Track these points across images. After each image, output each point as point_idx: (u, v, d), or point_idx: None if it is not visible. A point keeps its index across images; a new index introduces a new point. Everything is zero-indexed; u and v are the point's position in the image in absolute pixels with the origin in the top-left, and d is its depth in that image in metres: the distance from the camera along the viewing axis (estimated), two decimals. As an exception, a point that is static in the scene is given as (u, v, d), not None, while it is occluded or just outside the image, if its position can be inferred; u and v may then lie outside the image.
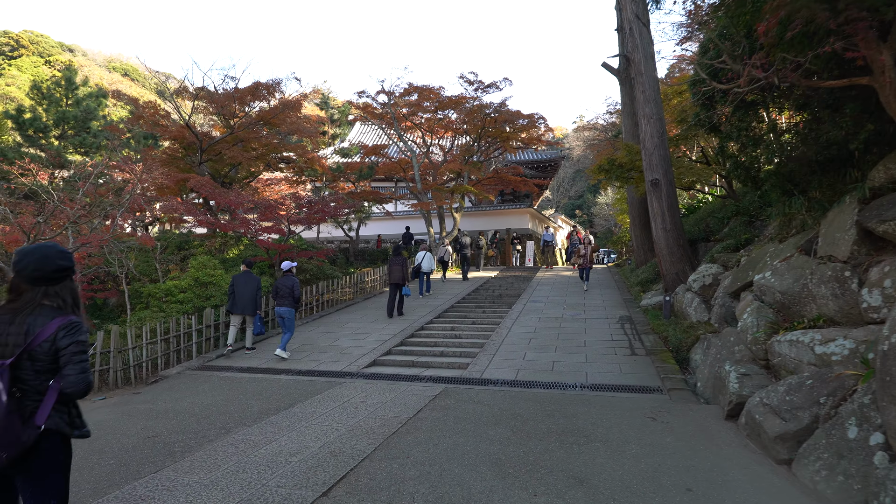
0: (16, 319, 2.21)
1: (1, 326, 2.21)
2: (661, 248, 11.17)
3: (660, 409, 5.56)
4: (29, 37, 78.88)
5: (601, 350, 8.39)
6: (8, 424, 2.06)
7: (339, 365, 8.12)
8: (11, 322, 2.21)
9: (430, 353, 8.84)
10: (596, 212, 58.54)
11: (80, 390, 2.23)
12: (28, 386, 2.18)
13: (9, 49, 75.20)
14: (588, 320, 10.69)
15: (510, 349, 8.64)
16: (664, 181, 11.15)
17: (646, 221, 15.99)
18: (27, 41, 77.54)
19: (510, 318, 11.04)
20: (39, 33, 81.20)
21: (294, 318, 8.90)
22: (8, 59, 72.19)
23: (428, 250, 14.89)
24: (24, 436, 2.11)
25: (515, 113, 20.35)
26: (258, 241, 11.33)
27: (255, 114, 14.59)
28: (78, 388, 2.22)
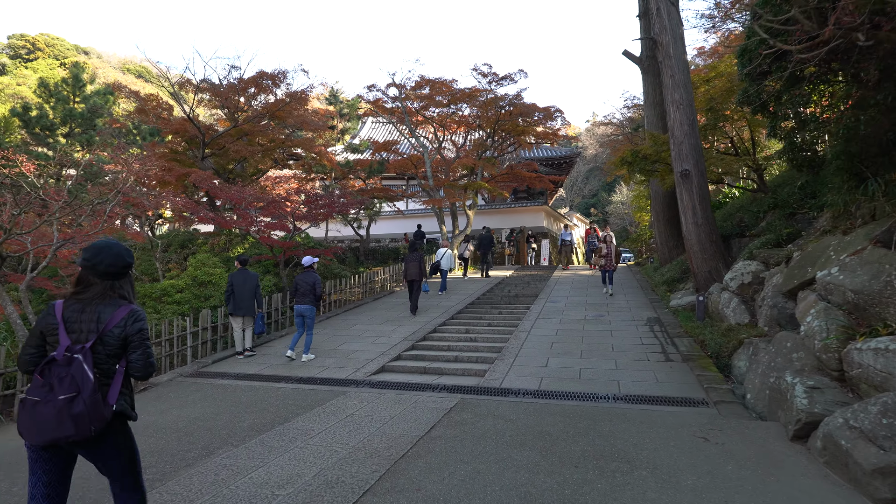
0: (87, 308, 2.41)
1: (73, 315, 2.40)
2: (692, 245, 10.35)
3: (710, 427, 4.79)
4: (45, 40, 79.61)
5: (631, 355, 7.62)
6: (97, 400, 2.28)
7: (345, 371, 7.44)
8: (83, 311, 2.41)
9: (443, 359, 8.13)
10: (611, 210, 57.50)
11: (146, 373, 2.49)
12: (100, 368, 2.39)
13: (25, 52, 75.99)
14: (613, 322, 9.91)
15: (531, 354, 7.90)
16: (695, 172, 10.34)
17: (670, 217, 15.15)
18: (43, 44, 78.27)
19: (529, 320, 10.29)
20: (55, 36, 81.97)
21: (315, 317, 8.39)
22: (24, 61, 72.94)
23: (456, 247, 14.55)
24: (106, 412, 2.32)
25: (531, 106, 19.57)
26: (261, 238, 10.71)
27: (259, 106, 13.99)
28: (144, 371, 2.48)
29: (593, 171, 69.50)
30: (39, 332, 2.42)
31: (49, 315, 2.41)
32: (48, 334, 2.40)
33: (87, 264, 2.46)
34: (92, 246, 2.50)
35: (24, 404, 2.28)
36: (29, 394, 2.28)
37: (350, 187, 20.46)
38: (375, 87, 20.15)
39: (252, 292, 8.47)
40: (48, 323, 2.40)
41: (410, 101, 20.46)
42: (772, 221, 9.84)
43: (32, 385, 2.30)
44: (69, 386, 2.24)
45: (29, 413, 2.25)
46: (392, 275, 16.08)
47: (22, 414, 2.28)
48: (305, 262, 8.59)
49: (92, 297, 2.44)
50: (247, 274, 8.57)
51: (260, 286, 8.73)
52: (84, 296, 2.44)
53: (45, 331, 2.41)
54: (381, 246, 24.33)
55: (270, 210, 10.78)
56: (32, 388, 2.29)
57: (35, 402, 2.25)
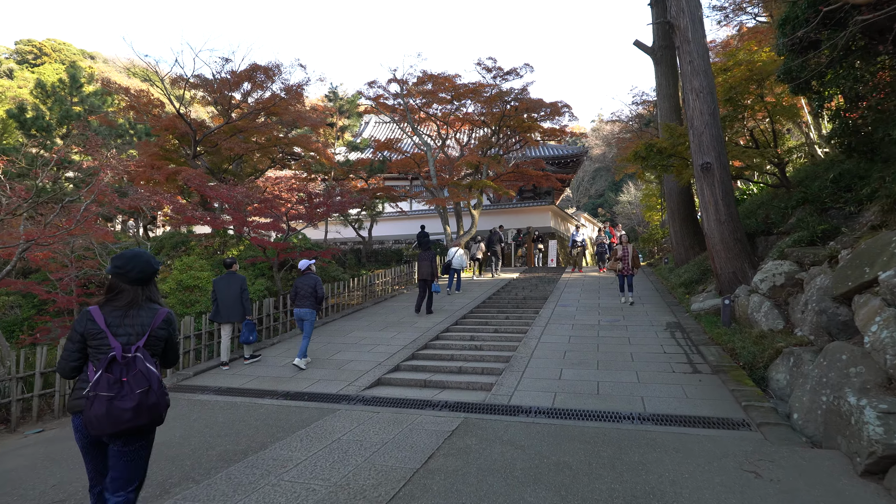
0: (128, 313, 2.63)
1: (115, 319, 2.60)
2: (715, 243, 9.59)
3: (758, 458, 4.05)
4: (52, 45, 79.75)
5: (654, 366, 6.87)
6: (163, 391, 2.62)
7: (336, 385, 6.74)
8: (124, 315, 2.62)
9: (445, 370, 7.41)
10: (618, 210, 56.67)
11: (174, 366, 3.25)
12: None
13: (32, 57, 76.11)
14: (630, 328, 9.16)
15: (542, 365, 7.17)
16: (717, 165, 9.58)
17: (687, 215, 14.38)
18: (49, 49, 78.41)
19: (538, 326, 9.56)
20: (62, 41, 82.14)
21: (314, 322, 8.00)
22: (31, 66, 73.01)
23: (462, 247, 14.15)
24: (168, 401, 2.68)
25: (537, 101, 18.84)
26: (252, 239, 10.05)
27: (254, 102, 13.35)
28: (174, 364, 2.96)
29: (599, 171, 68.85)
30: (81, 338, 2.59)
31: (90, 322, 2.58)
32: (91, 339, 2.57)
33: (119, 272, 2.64)
34: (121, 255, 2.69)
35: (95, 400, 2.44)
36: (99, 391, 2.45)
37: (352, 188, 19.81)
38: (376, 84, 19.47)
39: (237, 296, 7.87)
40: (90, 329, 2.57)
41: (413, 98, 19.78)
42: (802, 217, 9.06)
43: (100, 383, 2.46)
44: (141, 381, 2.51)
45: (105, 407, 2.43)
46: (394, 277, 15.39)
47: (94, 408, 2.43)
48: (302, 266, 8.11)
49: (128, 302, 2.64)
50: (232, 277, 7.97)
51: (247, 290, 8.08)
52: (119, 302, 2.64)
53: (88, 336, 2.57)
54: (384, 248, 23.64)
55: (262, 209, 10.12)
56: (101, 385, 2.46)
57: (110, 397, 2.44)
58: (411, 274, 16.78)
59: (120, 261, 2.67)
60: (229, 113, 13.37)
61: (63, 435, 5.37)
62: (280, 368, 7.71)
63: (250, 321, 8.09)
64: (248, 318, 8.05)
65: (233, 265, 8.19)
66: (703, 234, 14.55)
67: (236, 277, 8.01)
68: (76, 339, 2.59)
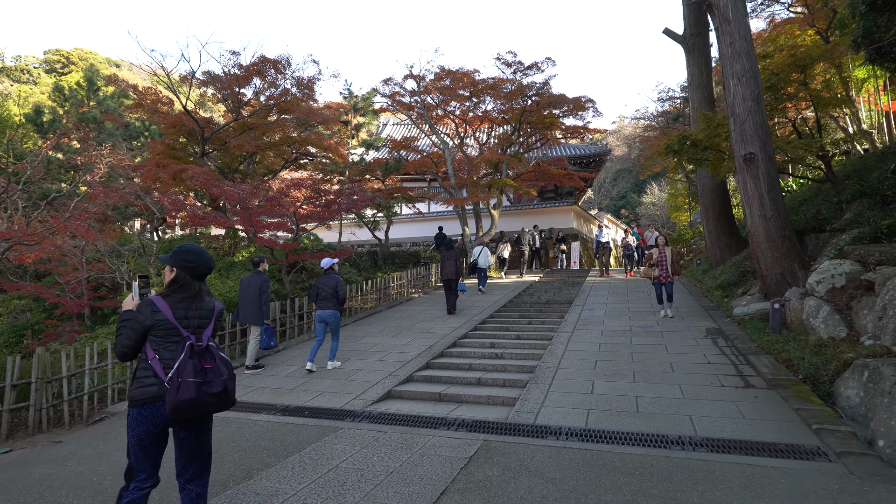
0: (192, 305, 2.76)
1: (181, 311, 2.72)
2: (759, 242, 8.71)
3: (850, 500, 3.26)
4: (79, 54, 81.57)
5: (699, 378, 6.06)
6: (234, 377, 2.79)
7: (341, 398, 6.07)
8: (189, 307, 2.75)
9: (462, 381, 6.70)
10: (641, 212, 55.44)
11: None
12: None
13: (60, 66, 77.91)
14: (666, 334, 8.33)
15: (571, 376, 6.40)
16: (762, 156, 8.71)
17: (722, 213, 13.46)
18: (76, 58, 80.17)
19: (564, 332, 8.79)
20: (88, 50, 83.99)
21: (339, 322, 7.67)
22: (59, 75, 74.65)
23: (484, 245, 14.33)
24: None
25: (559, 96, 18.04)
26: (258, 239, 9.48)
27: (264, 98, 12.84)
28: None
29: (621, 172, 67.78)
30: (144, 327, 2.64)
31: (156, 312, 2.64)
32: (157, 328, 2.64)
33: (189, 265, 2.77)
34: (188, 250, 2.79)
35: (182, 385, 2.51)
36: (185, 377, 2.53)
37: (368, 189, 19.26)
38: (392, 81, 18.91)
39: (255, 297, 7.58)
40: (157, 319, 2.64)
41: (430, 95, 19.16)
42: (860, 212, 8.15)
43: (186, 369, 2.55)
44: (224, 367, 2.70)
45: (194, 392, 2.52)
46: (410, 280, 14.73)
47: (181, 392, 2.50)
48: (325, 265, 7.81)
49: (193, 294, 2.77)
50: (254, 276, 7.72)
51: (267, 292, 7.71)
52: (185, 294, 2.75)
53: (154, 325, 2.64)
54: (401, 250, 23.04)
55: (269, 208, 9.54)
56: (187, 371, 2.54)
57: (198, 383, 2.55)
58: (428, 277, 16.12)
59: (190, 255, 2.77)
60: (239, 110, 12.88)
61: (33, 456, 4.79)
62: (283, 378, 7.08)
63: (268, 326, 7.67)
64: (266, 323, 7.64)
65: (260, 264, 7.89)
66: (739, 234, 13.63)
67: (257, 277, 7.70)
68: (137, 329, 2.64)
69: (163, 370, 2.59)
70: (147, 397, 2.58)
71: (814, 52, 10.99)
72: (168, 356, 2.62)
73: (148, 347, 2.64)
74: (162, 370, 2.59)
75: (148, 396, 2.58)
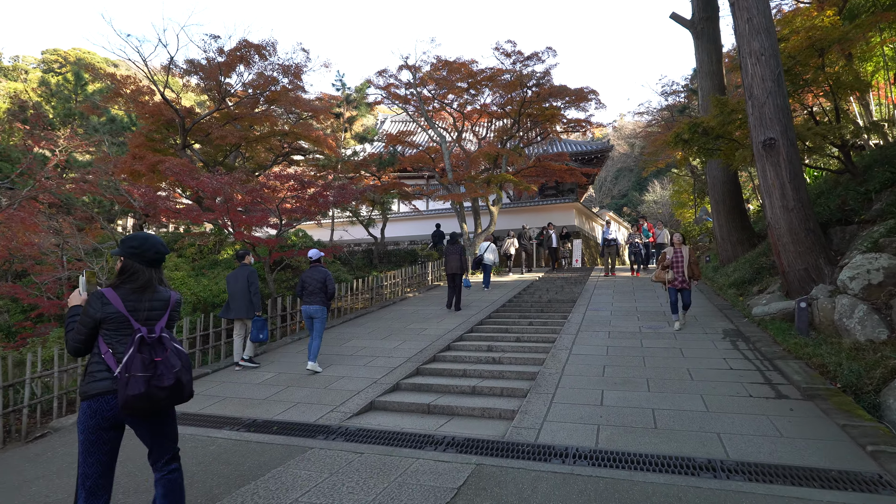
0: (144, 295, 2.63)
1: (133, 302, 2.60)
2: (781, 235, 7.99)
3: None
4: (76, 54, 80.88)
5: (722, 387, 5.35)
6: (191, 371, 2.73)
7: (317, 410, 5.36)
8: (140, 298, 2.62)
9: (455, 390, 5.98)
10: (643, 210, 54.84)
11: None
12: None
13: (58, 66, 77.28)
14: (680, 336, 7.62)
15: (577, 384, 5.69)
16: (783, 141, 7.99)
17: (733, 207, 12.74)
18: (74, 58, 79.43)
19: (568, 334, 8.07)
20: (86, 50, 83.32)
21: (325, 319, 7.28)
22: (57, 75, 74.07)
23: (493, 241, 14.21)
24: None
25: (560, 87, 17.31)
26: (237, 234, 8.77)
27: (247, 84, 12.12)
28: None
29: (622, 171, 67.35)
30: (94, 321, 2.53)
31: (106, 304, 2.53)
32: (108, 321, 2.54)
33: (135, 252, 2.65)
34: (134, 237, 2.69)
35: (131, 380, 2.42)
36: (134, 371, 2.43)
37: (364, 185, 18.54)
38: (387, 73, 18.17)
39: (245, 289, 7.22)
40: (108, 311, 2.53)
41: (426, 87, 18.43)
42: (894, 201, 7.43)
43: (134, 363, 2.44)
44: (176, 359, 2.60)
45: (143, 386, 2.42)
46: (404, 279, 14.02)
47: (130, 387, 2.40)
48: (312, 256, 7.44)
49: (144, 284, 2.64)
50: (241, 270, 7.34)
51: (256, 283, 7.32)
52: (135, 284, 2.63)
53: (104, 318, 2.53)
54: (399, 249, 22.35)
55: (247, 200, 8.81)
56: (135, 366, 2.44)
57: (147, 377, 2.45)
58: (424, 275, 15.41)
59: (135, 241, 2.65)
60: (224, 100, 12.17)
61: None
62: (255, 387, 6.36)
63: (259, 318, 7.29)
64: (257, 315, 7.27)
65: (245, 256, 7.52)
66: (752, 228, 12.91)
67: (244, 269, 7.32)
68: (88, 323, 2.53)
69: (116, 364, 2.50)
70: (99, 391, 2.48)
71: (832, 34, 10.27)
72: (122, 349, 2.52)
73: (101, 341, 2.54)
74: (115, 363, 2.49)
75: (100, 391, 2.48)
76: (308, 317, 7.20)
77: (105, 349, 2.52)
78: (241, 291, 7.22)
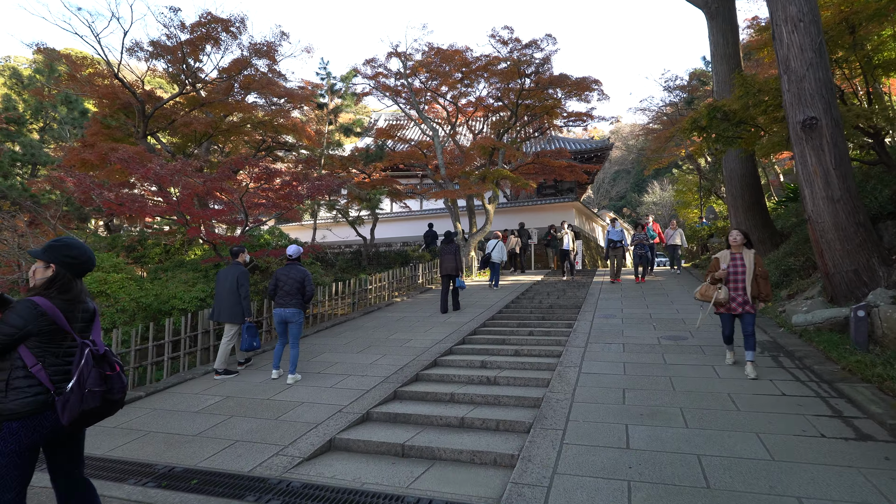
0: (77, 306, 2.50)
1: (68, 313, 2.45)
2: (824, 230, 6.83)
3: None
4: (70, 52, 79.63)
5: (779, 421, 4.16)
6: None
7: (257, 453, 4.13)
8: (73, 309, 2.48)
9: (439, 422, 4.77)
10: (642, 212, 53.99)
11: None
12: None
13: (48, 67, 76.14)
14: (708, 351, 6.43)
15: (592, 415, 4.49)
16: (826, 120, 6.84)
17: (753, 202, 11.59)
18: (66, 57, 78.27)
19: (575, 347, 6.88)
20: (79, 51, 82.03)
21: (302, 323, 6.48)
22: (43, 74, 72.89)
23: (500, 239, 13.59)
24: None
25: (561, 76, 16.13)
26: (191, 230, 7.54)
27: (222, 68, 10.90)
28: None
29: (619, 173, 66.80)
30: (23, 332, 2.33)
31: (41, 315, 2.36)
32: (42, 333, 2.37)
33: (72, 262, 2.50)
34: (65, 243, 2.52)
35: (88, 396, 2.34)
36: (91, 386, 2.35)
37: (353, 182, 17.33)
38: (375, 62, 16.99)
39: (233, 291, 6.59)
40: (42, 323, 2.36)
41: (417, 77, 17.25)
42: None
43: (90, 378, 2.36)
44: (123, 376, 2.54)
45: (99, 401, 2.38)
46: (392, 281, 12.81)
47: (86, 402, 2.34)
48: (291, 253, 6.64)
49: (76, 295, 2.52)
50: (231, 268, 6.75)
51: (245, 285, 6.67)
52: (69, 295, 2.48)
53: (39, 330, 2.35)
54: (390, 250, 21.18)
55: (200, 189, 7.57)
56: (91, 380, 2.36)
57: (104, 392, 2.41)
58: (414, 278, 14.20)
59: (73, 251, 2.51)
60: (188, 83, 10.95)
61: None
62: (192, 417, 5.12)
63: (250, 324, 6.57)
64: (247, 320, 6.60)
65: (239, 254, 6.90)
66: (773, 226, 11.76)
67: (234, 269, 6.71)
68: (14, 334, 2.30)
69: (49, 379, 2.34)
70: (34, 408, 2.30)
71: (869, 6, 9.18)
72: (54, 363, 2.37)
73: (26, 354, 2.32)
74: (48, 379, 2.33)
75: (35, 407, 2.30)
76: (281, 321, 6.38)
77: (33, 362, 2.32)
78: (228, 292, 6.62)
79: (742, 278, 5.46)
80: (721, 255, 5.68)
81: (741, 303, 5.44)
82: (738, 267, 5.51)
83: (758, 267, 5.46)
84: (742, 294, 5.44)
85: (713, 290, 5.55)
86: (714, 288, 5.56)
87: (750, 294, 5.40)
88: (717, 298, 5.50)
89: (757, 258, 5.51)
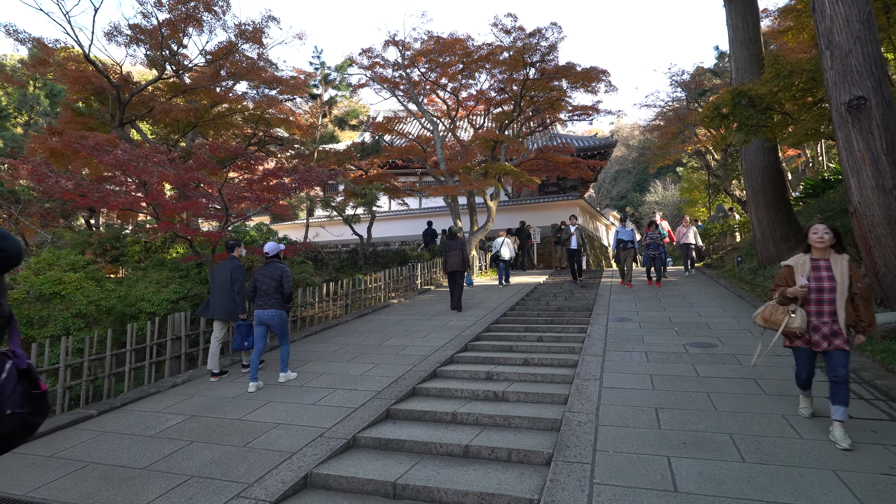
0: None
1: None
2: (875, 224, 6.05)
3: None
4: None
5: (858, 456, 3.37)
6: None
7: (214, 496, 3.34)
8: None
9: (438, 450, 3.98)
10: (644, 211, 53.37)
11: None
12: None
13: (44, 65, 75.55)
14: (744, 360, 5.65)
15: (623, 443, 3.71)
16: (876, 100, 6.07)
17: (776, 197, 10.81)
18: (59, 56, 77.62)
19: (592, 355, 6.10)
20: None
21: (287, 325, 6.12)
22: (42, 73, 72.45)
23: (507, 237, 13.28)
24: None
25: (567, 66, 15.36)
26: (161, 224, 6.78)
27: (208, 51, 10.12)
28: None
29: (620, 173, 66.15)
30: None
31: None
32: None
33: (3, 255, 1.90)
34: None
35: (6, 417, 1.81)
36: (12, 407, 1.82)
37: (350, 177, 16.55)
38: (372, 52, 16.21)
39: (227, 286, 6.23)
40: None
41: (416, 67, 16.47)
42: None
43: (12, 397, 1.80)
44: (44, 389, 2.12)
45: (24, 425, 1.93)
46: (389, 282, 12.02)
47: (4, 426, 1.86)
48: (268, 251, 6.23)
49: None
50: (227, 262, 6.40)
51: (240, 280, 6.28)
52: None
53: None
54: (389, 249, 20.41)
55: (173, 178, 6.79)
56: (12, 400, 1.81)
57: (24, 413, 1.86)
58: (413, 278, 13.42)
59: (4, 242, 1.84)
60: (170, 67, 10.18)
61: None
62: (144, 442, 4.32)
63: (244, 323, 6.20)
64: (241, 319, 6.21)
65: (235, 248, 6.55)
66: (797, 223, 10.97)
67: (229, 263, 6.34)
68: None
69: None
70: None
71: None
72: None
73: None
74: None
75: None
76: (261, 323, 5.98)
77: None
78: (222, 287, 6.28)
79: (830, 297, 3.70)
80: (795, 262, 3.90)
81: (828, 334, 3.68)
82: (823, 281, 3.72)
83: (855, 281, 3.68)
84: (830, 322, 3.69)
85: (783, 314, 3.83)
86: (785, 310, 3.83)
87: (843, 322, 3.64)
88: (790, 326, 3.77)
89: (853, 268, 3.73)
